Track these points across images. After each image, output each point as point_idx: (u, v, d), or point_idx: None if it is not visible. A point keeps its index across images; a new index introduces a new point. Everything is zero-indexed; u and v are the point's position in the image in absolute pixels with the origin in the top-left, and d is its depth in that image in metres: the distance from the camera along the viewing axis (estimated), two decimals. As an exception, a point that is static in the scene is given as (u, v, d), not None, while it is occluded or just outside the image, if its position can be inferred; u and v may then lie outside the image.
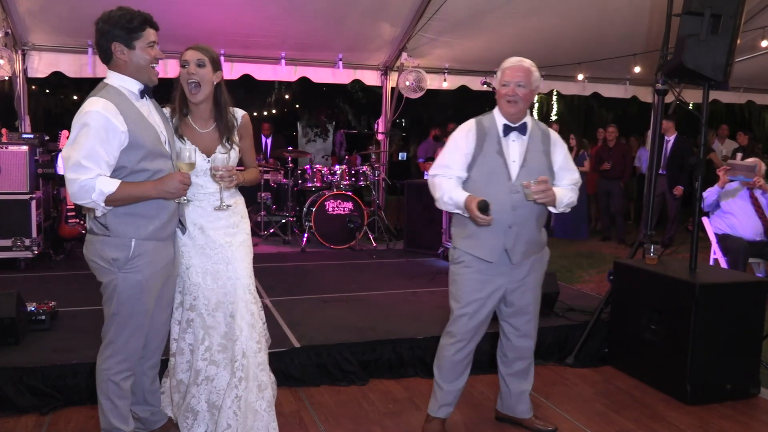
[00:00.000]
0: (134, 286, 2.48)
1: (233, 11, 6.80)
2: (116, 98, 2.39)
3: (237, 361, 2.70)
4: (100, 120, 2.31)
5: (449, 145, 2.90)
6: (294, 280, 5.50)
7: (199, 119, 2.73)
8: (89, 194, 2.29)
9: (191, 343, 2.78)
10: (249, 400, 2.70)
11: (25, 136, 6.39)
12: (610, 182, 8.95)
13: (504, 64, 2.85)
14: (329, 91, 15.15)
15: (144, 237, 2.47)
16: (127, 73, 2.46)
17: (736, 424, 3.27)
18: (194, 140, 2.70)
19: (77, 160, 2.28)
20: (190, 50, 2.67)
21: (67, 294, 4.70)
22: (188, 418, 2.77)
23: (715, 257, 5.23)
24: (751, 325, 3.58)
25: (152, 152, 2.45)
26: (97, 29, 2.43)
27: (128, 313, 2.51)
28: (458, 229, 2.94)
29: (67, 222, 6.19)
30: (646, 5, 7.09)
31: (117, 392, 2.56)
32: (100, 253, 2.45)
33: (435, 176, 2.87)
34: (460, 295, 2.91)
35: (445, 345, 2.99)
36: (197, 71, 2.63)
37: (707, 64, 3.58)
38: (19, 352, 3.50)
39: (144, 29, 2.42)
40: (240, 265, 2.76)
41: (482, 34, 7.73)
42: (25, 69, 7.30)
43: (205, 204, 2.75)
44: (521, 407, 3.14)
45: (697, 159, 3.90)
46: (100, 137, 2.30)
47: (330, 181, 7.55)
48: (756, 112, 15.39)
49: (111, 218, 2.43)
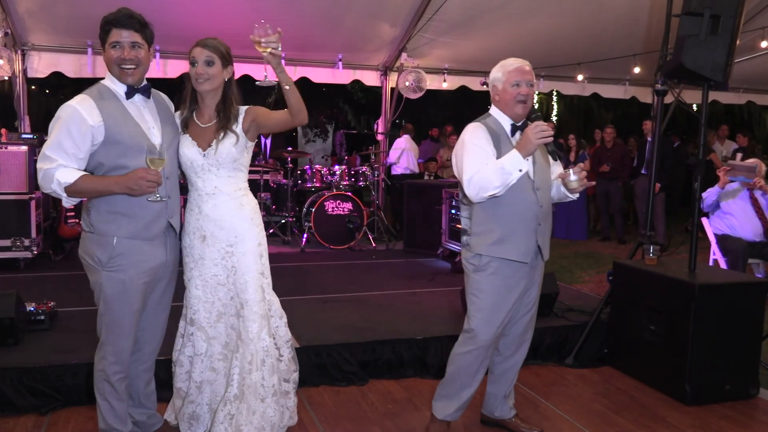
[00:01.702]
0: (117, 285, 2.48)
1: (233, 11, 6.80)
2: (99, 94, 2.44)
3: (236, 373, 2.65)
4: (70, 113, 2.35)
5: (470, 149, 2.70)
6: (293, 281, 5.51)
7: (203, 114, 2.66)
8: (49, 183, 2.34)
9: (190, 356, 2.76)
10: (239, 422, 2.62)
11: (24, 136, 6.41)
12: (609, 183, 8.96)
13: (508, 65, 2.77)
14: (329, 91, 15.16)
15: (125, 235, 2.46)
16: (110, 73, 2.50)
17: (736, 424, 3.27)
18: (195, 134, 2.63)
19: (43, 150, 2.35)
20: (198, 47, 2.56)
21: (66, 294, 4.70)
22: (192, 425, 2.77)
23: (715, 258, 5.23)
24: (751, 325, 3.58)
25: (132, 149, 2.43)
26: None
27: (114, 313, 2.51)
28: (484, 234, 2.78)
29: (67, 222, 6.19)
30: (645, 5, 7.09)
31: (113, 393, 2.57)
32: (87, 250, 2.49)
33: (475, 174, 2.63)
34: (485, 305, 2.79)
35: (465, 355, 2.87)
36: (205, 71, 2.54)
37: (707, 65, 3.58)
38: (19, 352, 3.49)
39: (108, 30, 2.44)
40: (247, 275, 2.66)
41: (482, 34, 7.73)
42: (24, 69, 7.30)
43: (205, 208, 2.64)
44: (506, 407, 3.12)
45: (696, 159, 3.90)
46: (67, 129, 2.34)
47: (329, 182, 7.55)
48: (756, 113, 15.41)
49: (94, 216, 2.46)
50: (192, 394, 2.77)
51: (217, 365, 2.75)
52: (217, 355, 2.75)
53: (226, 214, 2.65)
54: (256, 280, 2.68)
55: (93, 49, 7.36)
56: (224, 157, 2.60)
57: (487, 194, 2.64)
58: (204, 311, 2.71)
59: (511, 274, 2.80)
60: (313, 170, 7.64)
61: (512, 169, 2.58)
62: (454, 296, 4.79)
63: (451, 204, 6.59)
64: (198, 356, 2.74)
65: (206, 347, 2.73)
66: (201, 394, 2.76)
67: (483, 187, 2.63)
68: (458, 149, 2.79)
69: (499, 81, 2.79)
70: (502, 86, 2.77)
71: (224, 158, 2.60)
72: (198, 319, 2.71)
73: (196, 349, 2.74)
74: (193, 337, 2.74)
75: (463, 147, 2.75)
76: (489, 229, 2.77)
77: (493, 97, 2.84)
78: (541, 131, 2.55)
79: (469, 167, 2.67)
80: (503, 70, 2.78)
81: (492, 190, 2.62)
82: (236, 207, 2.67)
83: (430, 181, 8.24)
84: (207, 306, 2.70)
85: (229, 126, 2.61)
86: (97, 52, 7.34)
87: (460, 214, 3.01)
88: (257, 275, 2.68)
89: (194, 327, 2.73)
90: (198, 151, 2.61)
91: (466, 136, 2.77)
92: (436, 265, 6.46)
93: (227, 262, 2.67)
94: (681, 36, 3.61)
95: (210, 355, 2.74)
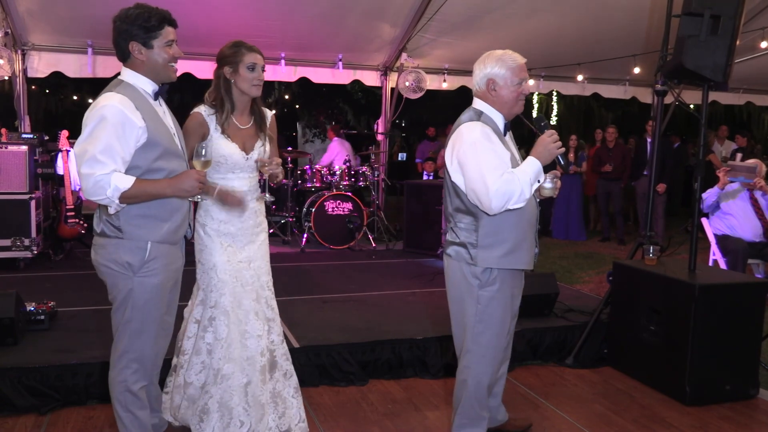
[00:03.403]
0: (151, 291, 2.43)
1: (233, 11, 6.80)
2: (132, 94, 2.34)
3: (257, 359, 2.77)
4: (117, 114, 2.25)
5: (486, 155, 2.48)
6: (293, 281, 5.51)
7: (240, 116, 2.80)
8: (104, 190, 2.22)
9: (210, 343, 2.75)
10: (277, 389, 2.84)
11: (24, 136, 6.40)
12: (609, 183, 8.96)
13: (510, 61, 2.57)
14: (329, 91, 15.15)
15: (158, 239, 2.42)
16: (143, 72, 2.40)
17: (735, 425, 3.27)
18: (236, 136, 2.76)
19: (93, 154, 2.21)
20: (255, 53, 2.73)
21: (66, 294, 4.70)
22: (202, 420, 2.74)
23: (715, 258, 5.23)
24: (751, 326, 3.58)
25: (168, 151, 2.41)
26: (115, 28, 2.36)
27: (143, 320, 2.44)
28: (495, 245, 2.57)
29: (67, 222, 6.19)
30: (645, 6, 7.09)
31: (136, 403, 2.50)
32: (114, 256, 2.38)
33: (501, 185, 2.43)
34: (496, 322, 2.64)
35: (479, 376, 2.68)
36: (262, 75, 2.76)
37: (707, 65, 3.58)
38: (18, 352, 3.49)
39: (162, 27, 2.37)
40: (262, 263, 2.86)
41: (482, 34, 7.73)
42: (24, 69, 7.29)
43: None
44: (501, 410, 3.06)
45: (696, 160, 3.90)
46: (116, 132, 2.24)
47: (329, 182, 7.55)
48: (755, 113, 15.40)
49: (124, 220, 2.36)
50: (210, 387, 2.74)
51: (235, 354, 2.74)
52: (236, 344, 2.75)
53: (257, 206, 2.88)
54: (269, 266, 2.94)
55: (93, 49, 7.35)
56: (257, 158, 2.81)
57: (513, 206, 2.48)
58: (229, 295, 2.75)
59: (515, 283, 2.73)
60: (313, 170, 7.64)
61: (536, 180, 2.51)
62: (454, 296, 4.78)
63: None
64: (219, 341, 2.74)
65: (226, 333, 2.74)
66: (218, 387, 2.73)
67: (510, 199, 2.45)
68: (464, 153, 2.52)
69: (500, 77, 2.57)
70: (504, 83, 2.57)
71: (257, 159, 2.82)
72: (223, 303, 2.75)
73: (218, 334, 2.74)
74: (216, 322, 2.75)
75: (474, 151, 2.49)
76: (501, 240, 2.57)
77: (487, 93, 2.61)
78: (557, 141, 2.52)
79: (492, 176, 2.44)
80: (505, 66, 2.56)
81: (521, 202, 2.48)
82: (260, 200, 2.92)
83: (430, 181, 8.24)
84: (232, 290, 2.76)
85: (265, 128, 2.86)
86: (97, 52, 7.35)
87: (453, 227, 2.68)
88: (268, 262, 2.95)
89: (218, 310, 2.75)
90: (240, 153, 2.76)
91: (473, 137, 2.51)
92: (435, 265, 6.46)
93: (249, 250, 2.83)
94: (681, 36, 3.61)
95: (230, 344, 2.74)
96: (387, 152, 9.16)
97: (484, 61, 2.62)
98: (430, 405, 3.42)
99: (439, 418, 3.25)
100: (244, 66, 2.70)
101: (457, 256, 2.64)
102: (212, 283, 2.76)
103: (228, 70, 2.72)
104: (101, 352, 3.42)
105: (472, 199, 2.55)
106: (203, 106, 2.76)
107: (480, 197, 2.48)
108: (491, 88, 2.60)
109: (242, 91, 2.74)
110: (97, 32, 6.99)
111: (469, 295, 2.64)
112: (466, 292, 2.64)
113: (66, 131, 6.28)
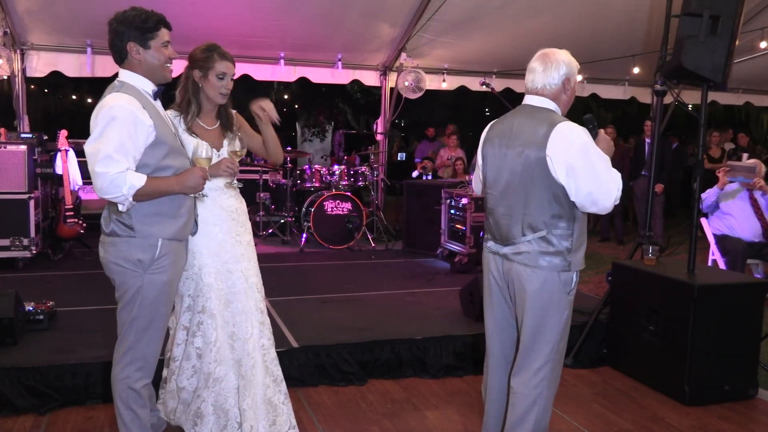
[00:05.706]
0: (160, 288, 2.46)
1: (232, 11, 6.80)
2: (137, 95, 2.38)
3: (247, 361, 2.75)
4: (128, 114, 2.29)
5: (594, 150, 2.37)
6: (292, 281, 5.49)
7: (206, 118, 2.81)
8: (120, 188, 2.25)
9: (199, 347, 2.75)
10: (267, 395, 2.79)
11: (23, 135, 6.39)
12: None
13: (575, 62, 2.48)
14: (328, 91, 15.15)
15: (168, 236, 2.46)
16: (141, 73, 2.43)
17: (735, 425, 3.27)
18: (204, 137, 2.76)
19: (107, 153, 2.23)
20: (228, 62, 2.72)
21: (65, 294, 4.68)
22: (196, 424, 2.74)
23: (714, 258, 5.24)
24: (750, 326, 3.59)
25: (173, 149, 2.46)
26: (112, 29, 2.39)
27: (150, 317, 2.47)
28: (581, 247, 2.49)
29: (66, 222, 6.18)
30: (645, 6, 7.10)
31: (138, 401, 2.51)
32: (125, 254, 2.41)
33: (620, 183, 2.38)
34: (567, 328, 2.51)
35: (554, 386, 2.52)
36: (230, 84, 2.74)
37: (706, 65, 3.58)
38: (18, 352, 3.49)
39: (159, 29, 2.41)
40: (249, 264, 2.85)
41: (481, 34, 7.73)
42: (23, 68, 7.29)
43: (219, 200, 2.79)
44: None
45: (696, 160, 3.90)
46: (128, 131, 2.28)
47: (329, 182, 7.55)
48: (754, 114, 15.41)
49: (135, 218, 2.39)
50: (202, 391, 2.74)
51: (226, 356, 2.74)
52: (225, 346, 2.74)
53: (239, 207, 2.87)
54: (256, 267, 2.92)
55: (92, 49, 7.34)
56: (226, 154, 2.79)
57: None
58: (215, 299, 2.74)
59: None
60: (313, 170, 7.64)
61: None
62: (453, 296, 4.79)
63: (450, 204, 6.60)
64: (207, 345, 2.74)
65: (215, 336, 2.73)
66: (209, 391, 2.73)
67: (609, 194, 2.35)
68: (585, 159, 2.32)
69: (574, 77, 2.46)
70: (574, 84, 2.48)
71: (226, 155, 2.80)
72: (210, 306, 2.74)
73: (207, 339, 2.74)
74: (204, 326, 2.74)
75: (597, 156, 2.35)
76: (583, 240, 2.51)
77: (560, 94, 2.47)
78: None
79: (615, 173, 2.37)
80: (576, 68, 2.46)
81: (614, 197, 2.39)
82: (240, 201, 2.90)
83: (430, 181, 8.24)
84: (218, 293, 2.75)
85: (232, 128, 2.86)
86: (96, 51, 7.34)
87: (546, 235, 2.44)
88: (256, 263, 2.94)
89: (206, 315, 2.73)
90: (213, 151, 2.74)
91: (585, 139, 2.35)
92: (435, 265, 6.46)
93: (235, 251, 2.81)
94: (680, 36, 3.62)
95: (219, 347, 2.73)
96: (386, 152, 9.16)
97: (558, 60, 2.45)
98: (429, 405, 3.42)
99: (438, 418, 3.25)
100: (214, 74, 2.70)
101: (551, 265, 2.43)
102: (198, 288, 2.75)
103: (198, 73, 2.73)
104: (101, 352, 3.42)
105: (582, 202, 2.37)
106: (170, 111, 2.76)
107: (601, 197, 2.34)
108: (566, 87, 2.47)
109: (209, 98, 2.76)
110: (96, 32, 6.97)
111: (558, 303, 2.46)
112: (556, 301, 2.45)
113: (65, 131, 6.27)
